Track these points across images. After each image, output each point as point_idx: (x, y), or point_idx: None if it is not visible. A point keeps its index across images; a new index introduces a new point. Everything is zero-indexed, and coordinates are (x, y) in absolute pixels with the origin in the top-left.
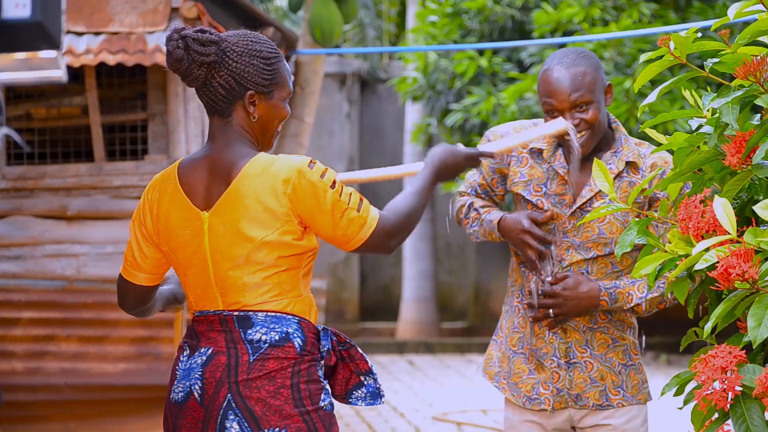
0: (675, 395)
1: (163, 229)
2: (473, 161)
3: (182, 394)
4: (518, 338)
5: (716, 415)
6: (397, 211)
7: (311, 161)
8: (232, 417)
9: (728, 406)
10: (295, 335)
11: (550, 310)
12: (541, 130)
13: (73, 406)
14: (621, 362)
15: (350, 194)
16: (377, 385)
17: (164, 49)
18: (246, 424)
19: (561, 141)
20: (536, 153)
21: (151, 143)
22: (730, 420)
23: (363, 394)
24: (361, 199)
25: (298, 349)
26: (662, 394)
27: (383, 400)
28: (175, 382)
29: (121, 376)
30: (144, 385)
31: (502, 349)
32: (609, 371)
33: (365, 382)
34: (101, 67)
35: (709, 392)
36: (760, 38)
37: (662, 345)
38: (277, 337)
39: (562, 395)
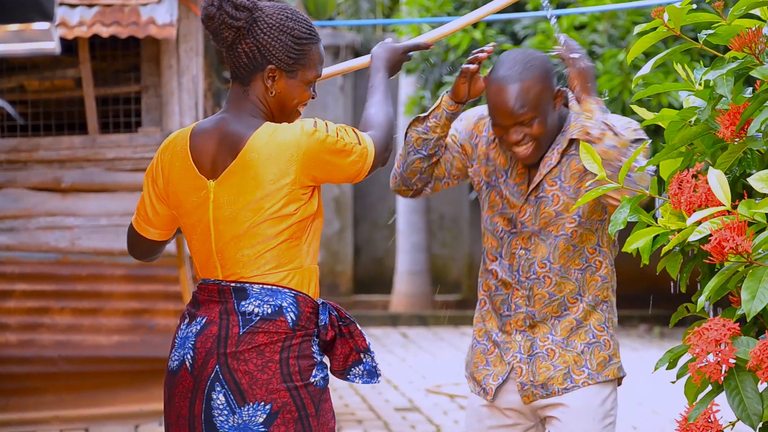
0: (668, 368)
1: (172, 193)
2: (410, 51)
3: (177, 362)
4: (481, 330)
5: (710, 388)
6: (380, 125)
7: (315, 122)
8: (218, 388)
9: (722, 378)
10: (289, 309)
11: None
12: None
13: (67, 378)
14: (583, 342)
15: (346, 131)
16: (374, 364)
17: (158, 21)
18: (231, 396)
19: None
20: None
21: (144, 115)
22: (723, 393)
23: (360, 372)
24: (354, 130)
25: (291, 323)
26: (656, 368)
27: (380, 379)
28: (173, 351)
29: (115, 348)
30: (138, 358)
31: (472, 338)
32: (571, 354)
33: (364, 360)
34: (95, 39)
35: (703, 365)
36: (754, 10)
37: (655, 318)
38: (269, 311)
39: (527, 389)
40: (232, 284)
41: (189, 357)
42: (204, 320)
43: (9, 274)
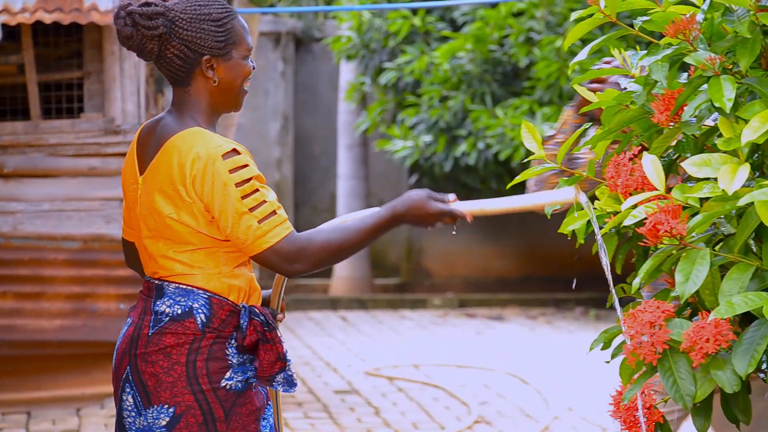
0: (602, 349)
1: (123, 185)
2: (445, 219)
3: (113, 360)
4: None
5: (644, 369)
6: (316, 240)
7: (232, 150)
8: (128, 390)
9: (656, 360)
10: (200, 311)
11: None
12: (542, 198)
13: (9, 362)
14: None
15: (260, 202)
16: (291, 372)
17: (100, 8)
18: (138, 398)
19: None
20: None
21: (87, 101)
22: (658, 373)
23: (282, 379)
24: (273, 212)
25: (200, 325)
26: (591, 349)
27: (296, 389)
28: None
29: (57, 332)
30: (80, 341)
31: None
32: None
33: (286, 368)
34: (37, 25)
35: (637, 346)
36: None
37: (591, 300)
38: (179, 311)
39: None
40: (155, 282)
41: (114, 357)
42: (130, 320)
43: None
